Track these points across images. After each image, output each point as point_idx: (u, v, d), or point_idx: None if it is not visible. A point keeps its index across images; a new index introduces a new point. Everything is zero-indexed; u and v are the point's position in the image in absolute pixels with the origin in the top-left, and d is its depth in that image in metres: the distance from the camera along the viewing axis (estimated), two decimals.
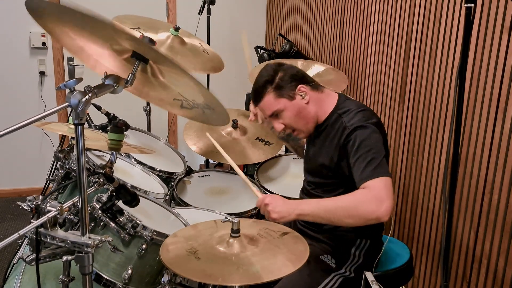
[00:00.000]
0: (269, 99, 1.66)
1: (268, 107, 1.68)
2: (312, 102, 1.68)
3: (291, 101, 1.66)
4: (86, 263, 1.14)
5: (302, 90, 1.65)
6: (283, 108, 1.66)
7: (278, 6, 4.05)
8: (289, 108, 1.66)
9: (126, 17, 2.44)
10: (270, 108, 1.68)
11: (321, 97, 1.70)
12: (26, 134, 3.78)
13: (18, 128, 1.01)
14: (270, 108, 1.68)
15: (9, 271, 1.74)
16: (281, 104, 1.66)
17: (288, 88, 1.65)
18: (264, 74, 1.69)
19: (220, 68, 2.51)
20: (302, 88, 1.66)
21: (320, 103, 1.69)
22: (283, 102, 1.66)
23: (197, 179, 2.50)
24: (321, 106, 1.69)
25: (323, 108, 1.69)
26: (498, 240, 1.74)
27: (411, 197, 2.26)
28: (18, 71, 3.76)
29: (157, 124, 3.82)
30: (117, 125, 1.38)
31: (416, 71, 2.19)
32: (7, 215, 3.56)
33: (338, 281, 1.65)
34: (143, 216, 1.65)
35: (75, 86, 1.05)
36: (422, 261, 2.20)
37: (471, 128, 1.85)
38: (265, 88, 1.66)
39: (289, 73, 1.67)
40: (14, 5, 3.64)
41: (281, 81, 1.65)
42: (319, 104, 1.69)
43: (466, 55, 1.40)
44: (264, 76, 1.68)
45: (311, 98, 1.67)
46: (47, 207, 1.19)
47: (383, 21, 2.44)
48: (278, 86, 1.65)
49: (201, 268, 1.25)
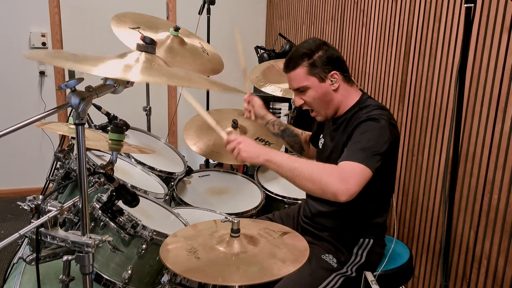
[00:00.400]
0: (301, 72, 1.64)
1: (297, 80, 1.65)
2: (340, 91, 1.66)
3: (320, 83, 1.64)
4: (86, 263, 1.14)
5: (335, 76, 1.64)
6: (310, 86, 1.64)
7: (278, 5, 4.05)
8: (316, 88, 1.64)
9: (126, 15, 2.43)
10: (299, 81, 1.65)
11: (349, 90, 1.68)
12: (26, 134, 3.78)
13: (18, 128, 1.01)
14: (299, 81, 1.65)
15: (9, 271, 1.75)
16: (310, 82, 1.64)
17: (322, 69, 1.63)
18: (305, 45, 1.65)
19: (219, 70, 2.51)
20: (335, 74, 1.64)
21: (347, 94, 1.68)
22: (312, 80, 1.63)
23: (197, 179, 2.50)
24: (347, 98, 1.68)
25: (348, 100, 1.68)
26: (498, 239, 1.74)
27: (411, 196, 2.26)
28: (18, 71, 3.75)
29: (157, 124, 3.82)
30: (118, 125, 1.38)
31: (416, 71, 2.19)
32: (7, 215, 3.56)
33: (339, 280, 1.65)
34: (143, 216, 1.65)
35: (76, 86, 1.05)
36: (422, 260, 2.20)
37: (471, 128, 1.85)
38: (301, 60, 1.63)
39: (329, 54, 1.64)
40: (14, 5, 3.64)
41: (319, 59, 1.62)
42: (345, 95, 1.67)
43: (466, 54, 1.40)
44: (305, 47, 1.64)
45: (341, 87, 1.66)
46: (47, 207, 1.19)
47: (383, 21, 2.44)
48: (313, 63, 1.62)
49: (201, 268, 1.25)
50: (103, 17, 2.91)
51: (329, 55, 1.64)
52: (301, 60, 1.63)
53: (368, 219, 1.68)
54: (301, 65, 1.63)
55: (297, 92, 1.69)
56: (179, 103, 4.02)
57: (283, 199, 2.30)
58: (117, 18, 2.37)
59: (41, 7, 3.70)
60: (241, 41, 1.89)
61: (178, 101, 4.03)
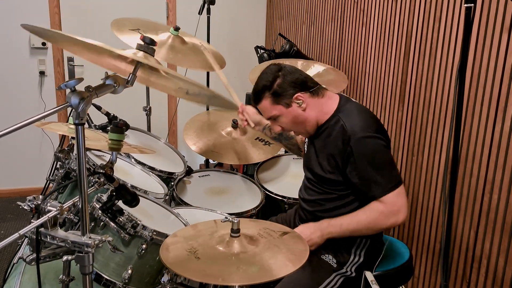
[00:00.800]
0: (266, 104, 1.69)
1: (266, 111, 1.72)
2: (310, 109, 1.67)
3: (287, 109, 1.67)
4: (86, 263, 1.14)
5: (299, 98, 1.65)
6: (279, 114, 1.69)
7: (278, 5, 4.05)
8: (285, 114, 1.68)
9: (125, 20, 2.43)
10: (268, 112, 1.71)
11: (320, 102, 1.69)
12: (26, 134, 3.78)
13: (18, 128, 1.01)
14: (268, 112, 1.71)
15: (9, 271, 1.75)
16: (277, 111, 1.68)
17: (285, 95, 1.65)
18: (263, 77, 1.69)
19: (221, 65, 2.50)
20: (299, 96, 1.65)
21: (320, 107, 1.68)
22: (279, 108, 1.67)
23: (197, 179, 2.50)
24: (321, 110, 1.68)
25: (323, 111, 1.68)
26: (498, 239, 1.74)
27: (411, 196, 2.26)
28: (18, 71, 3.76)
29: (157, 124, 3.83)
30: (118, 125, 1.38)
31: (416, 71, 2.19)
32: (7, 215, 3.56)
33: (339, 280, 1.65)
34: (143, 216, 1.65)
35: (75, 86, 1.05)
36: (422, 260, 2.20)
37: (471, 127, 1.85)
38: (263, 93, 1.68)
39: (288, 79, 1.66)
40: (14, 5, 3.64)
41: (279, 88, 1.65)
42: (318, 108, 1.68)
43: (466, 54, 1.40)
44: (263, 80, 1.69)
45: (309, 104, 1.67)
46: (47, 207, 1.19)
47: (383, 21, 2.44)
48: (275, 92, 1.66)
49: (201, 268, 1.25)
50: (103, 17, 2.91)
51: (288, 80, 1.66)
52: (262, 93, 1.68)
53: None
54: (264, 98, 1.68)
55: (271, 120, 1.74)
56: (179, 103, 4.02)
57: (283, 199, 2.30)
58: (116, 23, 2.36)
59: (41, 7, 3.70)
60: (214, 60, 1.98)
61: (178, 101, 4.03)
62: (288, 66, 1.72)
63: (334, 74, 2.62)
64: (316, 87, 1.69)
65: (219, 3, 3.61)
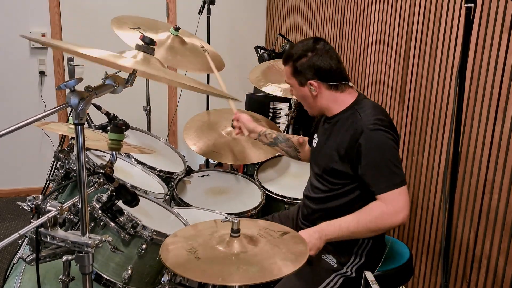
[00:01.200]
0: (287, 71, 1.75)
1: (286, 75, 1.78)
2: (322, 97, 1.70)
3: (299, 86, 1.72)
4: (86, 263, 1.14)
5: (313, 84, 1.68)
6: (292, 85, 1.75)
7: (278, 6, 4.05)
8: (297, 89, 1.75)
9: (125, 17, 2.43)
10: (286, 77, 1.77)
11: (337, 96, 1.70)
12: (26, 134, 3.79)
13: (18, 128, 1.01)
14: (286, 77, 1.77)
15: (9, 271, 1.75)
16: (292, 82, 1.75)
17: (302, 75, 1.69)
18: (297, 47, 1.72)
19: (220, 68, 2.51)
20: (313, 83, 1.67)
21: (334, 100, 1.70)
22: (293, 81, 1.74)
23: (197, 179, 2.50)
24: (335, 102, 1.70)
25: (336, 103, 1.70)
26: (498, 239, 1.74)
27: (411, 196, 2.26)
28: (18, 71, 3.76)
29: (157, 124, 3.83)
30: (117, 125, 1.38)
31: (416, 71, 2.19)
32: (7, 215, 3.56)
33: (339, 281, 1.65)
34: (143, 216, 1.65)
35: (75, 86, 1.05)
36: (422, 260, 2.20)
37: (471, 128, 1.85)
38: (289, 59, 1.73)
39: (312, 62, 1.67)
40: (14, 5, 3.64)
41: (300, 66, 1.69)
42: (331, 100, 1.70)
43: (466, 55, 1.40)
44: (296, 49, 1.72)
45: (322, 94, 1.69)
46: (47, 207, 1.19)
47: (383, 21, 2.44)
48: (295, 68, 1.70)
49: (201, 268, 1.25)
50: (103, 17, 2.91)
51: (312, 64, 1.67)
52: (289, 60, 1.73)
53: None
54: (288, 64, 1.74)
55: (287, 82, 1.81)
56: (179, 103, 4.02)
57: (283, 199, 2.30)
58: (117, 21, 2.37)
59: (41, 7, 3.70)
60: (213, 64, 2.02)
61: (178, 101, 4.03)
62: (324, 47, 1.69)
63: None
64: (340, 83, 1.69)
65: (219, 3, 3.61)
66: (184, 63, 2.43)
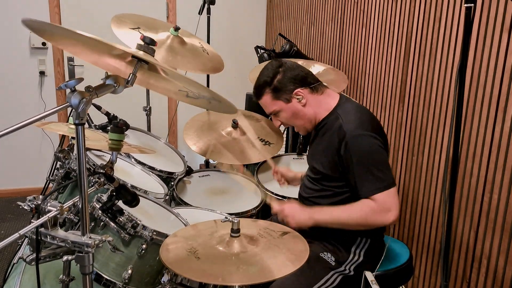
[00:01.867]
0: (267, 100, 1.73)
1: (267, 106, 1.75)
2: (310, 105, 1.71)
3: (287, 104, 1.71)
4: (87, 263, 1.14)
5: (299, 94, 1.69)
6: (279, 109, 1.73)
7: (278, 6, 4.04)
8: (285, 110, 1.72)
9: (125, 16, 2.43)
10: (268, 107, 1.75)
11: (320, 99, 1.71)
12: (26, 134, 3.79)
13: (18, 128, 1.01)
14: (268, 107, 1.75)
15: (9, 271, 1.74)
16: (277, 106, 1.72)
17: (285, 91, 1.69)
18: (264, 73, 1.73)
19: (220, 69, 2.51)
20: (299, 92, 1.69)
21: (319, 104, 1.71)
22: (279, 104, 1.71)
23: (197, 179, 2.50)
24: (320, 107, 1.71)
25: (322, 108, 1.71)
26: (498, 239, 1.74)
27: (411, 196, 2.26)
28: (18, 71, 3.76)
29: (157, 124, 3.83)
30: (118, 125, 1.38)
31: (416, 71, 2.19)
32: (7, 215, 3.56)
33: (337, 279, 1.65)
34: (143, 216, 1.65)
35: (76, 86, 1.05)
36: (422, 260, 2.20)
37: (471, 128, 1.85)
38: (263, 89, 1.72)
39: (288, 75, 1.69)
40: (14, 5, 3.64)
41: (279, 83, 1.69)
42: (317, 105, 1.71)
43: (466, 54, 1.40)
44: (264, 76, 1.72)
45: (309, 100, 1.70)
46: (47, 207, 1.19)
47: (383, 21, 2.44)
48: (275, 88, 1.69)
49: (201, 268, 1.25)
50: (103, 17, 2.91)
51: (288, 76, 1.69)
52: (263, 89, 1.72)
53: None
54: (265, 93, 1.72)
55: (272, 115, 1.78)
56: (179, 103, 4.02)
57: (283, 199, 2.30)
58: (117, 19, 2.37)
59: (41, 7, 3.70)
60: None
61: (178, 101, 4.03)
62: (289, 62, 1.74)
63: (334, 74, 2.62)
64: (317, 83, 1.72)
65: (219, 3, 3.61)
66: (184, 63, 2.43)
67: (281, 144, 2.50)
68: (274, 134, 2.47)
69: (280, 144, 2.49)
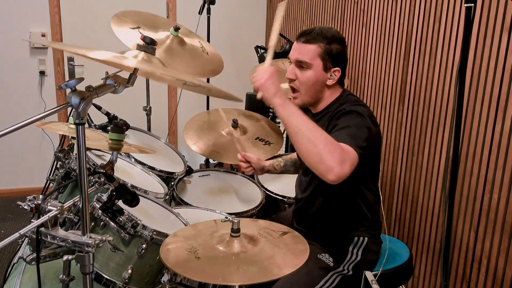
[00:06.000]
0: (313, 49, 1.62)
1: (306, 54, 1.63)
2: (331, 89, 1.68)
3: (321, 70, 1.63)
4: (87, 263, 1.14)
5: (336, 73, 1.65)
6: (311, 67, 1.63)
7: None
8: (316, 72, 1.63)
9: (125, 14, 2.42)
10: (306, 55, 1.62)
11: (337, 91, 1.70)
12: (26, 134, 3.79)
13: (18, 128, 1.01)
14: (306, 55, 1.62)
15: (9, 270, 1.74)
16: (315, 63, 1.62)
17: (331, 60, 1.62)
18: (330, 31, 1.64)
19: (219, 71, 2.50)
20: (337, 72, 1.65)
21: (333, 94, 1.69)
22: (317, 63, 1.62)
23: (197, 179, 2.50)
24: (330, 96, 1.69)
25: (330, 98, 1.69)
26: (498, 239, 1.74)
27: (411, 196, 2.27)
28: (18, 71, 3.76)
29: (157, 124, 3.83)
30: (118, 125, 1.38)
31: (416, 71, 2.19)
32: (7, 214, 3.56)
33: (336, 279, 1.65)
34: (143, 216, 1.65)
35: (76, 85, 1.05)
36: (422, 260, 2.20)
37: (471, 127, 1.85)
38: (319, 39, 1.62)
39: (343, 52, 1.65)
40: (14, 5, 3.64)
41: (335, 49, 1.62)
42: (331, 94, 1.69)
43: (466, 54, 1.40)
44: (329, 32, 1.63)
45: (334, 86, 1.67)
46: (48, 206, 1.19)
47: (383, 21, 2.44)
48: (327, 50, 1.62)
49: (201, 267, 1.25)
50: (103, 17, 2.91)
51: (343, 53, 1.66)
52: (319, 38, 1.61)
53: (356, 217, 1.69)
54: (317, 44, 1.61)
55: (296, 64, 1.66)
56: (179, 103, 4.02)
57: (283, 199, 2.30)
58: (117, 17, 2.37)
59: (41, 7, 3.70)
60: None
61: (179, 100, 4.03)
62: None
63: None
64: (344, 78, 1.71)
65: (219, 3, 3.61)
66: (182, 65, 2.43)
67: (281, 144, 2.50)
68: (274, 134, 2.48)
69: (280, 144, 2.49)
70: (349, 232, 1.69)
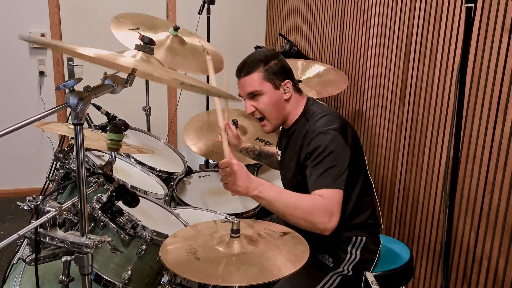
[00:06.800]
0: (256, 77, 1.65)
1: (252, 84, 1.66)
2: (291, 101, 1.70)
3: (274, 89, 1.66)
4: (86, 264, 1.14)
5: (288, 85, 1.68)
6: (265, 92, 1.65)
7: (278, 6, 4.04)
8: (270, 95, 1.66)
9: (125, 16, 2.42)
10: (253, 86, 1.65)
11: (298, 99, 1.72)
12: (26, 134, 3.78)
13: (18, 128, 1.01)
14: (253, 86, 1.65)
15: (9, 271, 1.74)
16: (264, 87, 1.65)
17: (277, 77, 1.66)
18: (261, 53, 1.68)
19: (219, 68, 2.50)
20: (288, 84, 1.68)
21: (296, 105, 1.71)
22: (267, 86, 1.65)
23: (196, 179, 2.50)
24: (295, 108, 1.71)
25: (296, 110, 1.71)
26: (499, 240, 1.73)
27: (412, 197, 2.26)
28: (18, 71, 3.75)
29: (157, 124, 3.82)
30: (116, 125, 1.38)
31: (417, 72, 2.18)
32: (7, 215, 3.55)
33: (336, 280, 1.65)
34: (143, 217, 1.65)
35: (74, 86, 1.05)
36: (423, 261, 2.19)
37: (471, 129, 1.85)
38: (257, 65, 1.65)
39: (283, 64, 1.69)
40: (14, 5, 3.64)
41: (274, 66, 1.66)
42: (295, 105, 1.71)
43: (467, 55, 1.40)
44: (261, 55, 1.67)
45: (292, 97, 1.70)
46: (47, 207, 1.18)
47: (383, 22, 2.44)
48: (269, 69, 1.65)
49: (201, 268, 1.25)
50: (102, 17, 2.91)
51: (283, 65, 1.68)
52: (256, 65, 1.65)
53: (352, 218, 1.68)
54: (256, 70, 1.65)
55: (249, 97, 1.69)
56: (179, 103, 4.02)
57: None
58: (116, 20, 2.36)
59: (41, 7, 3.70)
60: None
61: (178, 101, 4.03)
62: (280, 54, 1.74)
63: (334, 74, 2.62)
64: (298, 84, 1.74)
65: (219, 3, 3.60)
66: (183, 64, 2.43)
67: None
68: (273, 134, 2.47)
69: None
70: (346, 232, 1.68)
